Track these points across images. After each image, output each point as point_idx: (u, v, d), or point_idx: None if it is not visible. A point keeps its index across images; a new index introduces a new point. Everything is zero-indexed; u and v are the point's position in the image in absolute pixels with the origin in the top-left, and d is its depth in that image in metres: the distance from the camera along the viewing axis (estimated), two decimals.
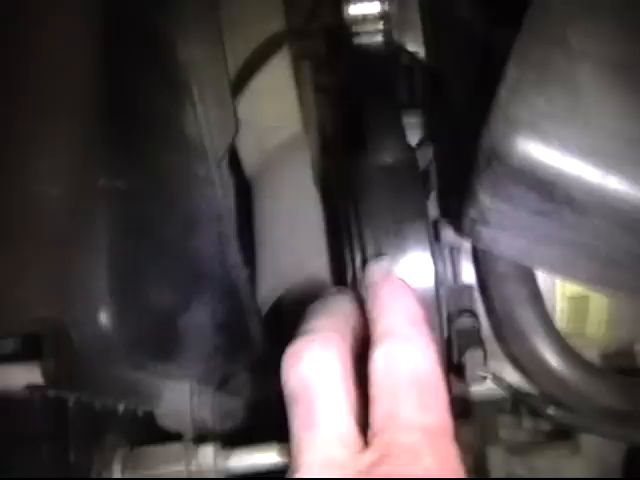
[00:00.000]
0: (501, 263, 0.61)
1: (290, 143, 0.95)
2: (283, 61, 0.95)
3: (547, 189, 0.46)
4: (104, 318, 0.57)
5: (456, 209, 0.57)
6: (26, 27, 0.61)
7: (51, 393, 0.54)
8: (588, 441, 0.79)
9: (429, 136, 0.77)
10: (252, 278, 0.93)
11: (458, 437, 0.42)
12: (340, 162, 0.88)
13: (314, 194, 0.92)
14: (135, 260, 0.61)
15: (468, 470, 0.44)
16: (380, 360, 0.43)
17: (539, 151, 0.45)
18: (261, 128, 0.96)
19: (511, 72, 0.46)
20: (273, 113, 0.97)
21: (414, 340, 0.44)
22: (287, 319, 0.94)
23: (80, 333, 0.56)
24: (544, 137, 0.45)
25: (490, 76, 0.48)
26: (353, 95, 0.83)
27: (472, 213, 0.53)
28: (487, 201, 0.50)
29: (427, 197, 0.71)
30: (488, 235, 0.55)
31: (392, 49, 0.84)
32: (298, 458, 0.41)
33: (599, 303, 0.68)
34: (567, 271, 0.57)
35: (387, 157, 0.73)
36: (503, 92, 0.46)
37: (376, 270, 0.59)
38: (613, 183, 0.45)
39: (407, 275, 0.66)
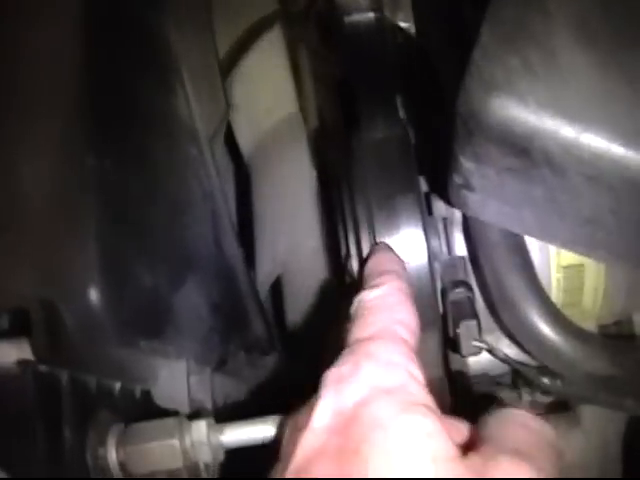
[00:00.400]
0: (491, 232, 0.60)
1: (285, 124, 0.96)
2: (276, 42, 0.96)
3: (525, 148, 0.46)
4: (93, 295, 0.57)
5: (443, 178, 0.57)
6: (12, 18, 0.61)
7: (43, 369, 0.54)
8: (587, 414, 0.78)
9: (418, 110, 0.77)
10: (251, 260, 0.93)
11: None
12: (336, 140, 0.88)
13: (310, 174, 0.92)
14: (124, 238, 0.62)
15: None
16: None
17: (515, 110, 0.45)
18: (256, 110, 0.96)
19: (485, 32, 0.46)
20: (267, 95, 0.97)
21: None
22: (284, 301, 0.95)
23: (70, 310, 0.57)
24: (520, 96, 0.45)
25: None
26: (346, 74, 0.83)
27: (457, 179, 0.53)
28: (469, 165, 0.50)
29: (419, 171, 0.71)
30: (474, 201, 0.55)
31: (384, 25, 0.84)
32: None
33: (595, 272, 0.67)
34: (552, 235, 0.57)
35: (378, 133, 0.73)
36: (477, 53, 0.46)
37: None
38: (589, 140, 0.44)
39: (400, 249, 0.67)
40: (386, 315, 0.52)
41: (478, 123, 0.46)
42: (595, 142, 0.44)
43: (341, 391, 0.46)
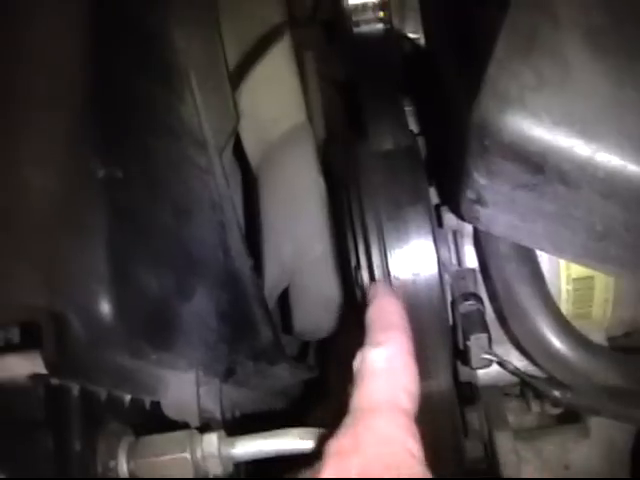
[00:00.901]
0: (502, 244, 0.60)
1: (293, 133, 0.96)
2: (284, 51, 0.96)
3: (538, 164, 0.45)
4: (102, 306, 0.57)
5: (455, 192, 0.57)
6: (15, 18, 0.61)
7: (54, 382, 0.54)
8: (597, 425, 0.78)
9: (429, 123, 0.77)
10: (259, 268, 0.93)
11: None
12: (344, 150, 0.88)
13: (317, 183, 0.92)
14: (133, 247, 0.61)
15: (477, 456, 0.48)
16: None
17: (529, 126, 0.45)
18: (264, 119, 0.96)
19: (499, 46, 0.46)
20: (275, 104, 0.97)
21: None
22: (291, 309, 0.95)
23: (79, 321, 0.56)
24: (534, 111, 0.45)
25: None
26: (355, 83, 0.83)
27: (469, 194, 0.53)
28: (482, 180, 0.50)
29: (429, 182, 0.71)
30: (486, 215, 0.55)
31: (392, 37, 0.84)
32: None
33: (604, 284, 0.67)
34: (563, 249, 0.56)
35: (388, 143, 0.73)
36: (492, 67, 0.46)
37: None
38: (604, 158, 0.44)
39: (410, 260, 0.67)
40: (389, 383, 0.54)
41: (492, 140, 0.46)
42: (610, 160, 0.44)
43: (342, 464, 0.48)
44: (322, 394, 0.95)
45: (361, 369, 0.56)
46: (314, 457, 0.51)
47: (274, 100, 0.97)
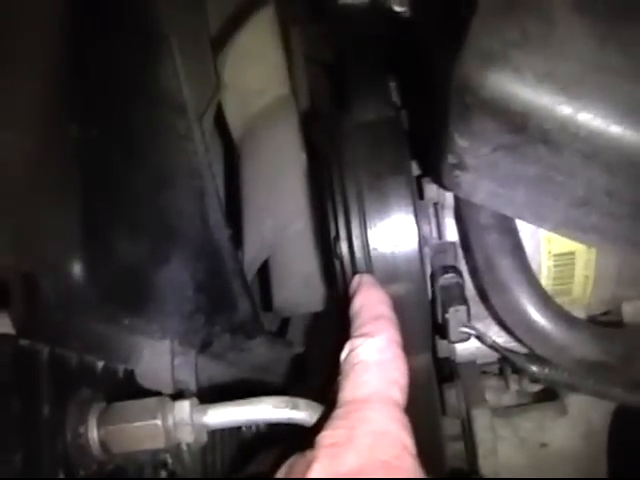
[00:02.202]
0: (482, 215, 0.59)
1: (276, 105, 0.95)
2: (268, 21, 0.94)
3: (520, 122, 0.45)
4: (74, 268, 0.56)
5: (436, 158, 0.56)
6: None
7: (23, 343, 0.53)
8: (574, 403, 0.78)
9: (413, 95, 0.76)
10: (239, 241, 0.92)
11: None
12: (327, 122, 0.87)
13: (298, 156, 0.91)
14: (107, 211, 0.60)
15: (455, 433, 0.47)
16: None
17: (511, 83, 0.44)
18: (246, 91, 0.95)
19: (483, 3, 0.45)
20: (258, 76, 0.96)
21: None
22: (271, 284, 0.94)
23: (50, 283, 0.55)
24: (516, 68, 0.44)
25: None
26: (339, 56, 0.82)
27: (450, 158, 0.52)
28: (463, 142, 0.49)
29: (411, 154, 0.70)
30: (467, 181, 0.54)
31: (377, 9, 0.83)
32: None
33: (585, 260, 0.67)
34: (544, 217, 0.56)
35: (371, 114, 0.72)
36: (474, 22, 0.45)
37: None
38: (586, 117, 0.43)
39: (390, 232, 0.66)
40: (381, 375, 0.53)
41: (474, 97, 0.45)
42: (592, 119, 0.43)
43: (336, 457, 0.48)
44: (302, 372, 0.94)
45: (350, 360, 0.55)
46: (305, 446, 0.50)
47: (257, 72, 0.96)
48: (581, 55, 0.44)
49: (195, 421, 0.59)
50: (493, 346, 0.67)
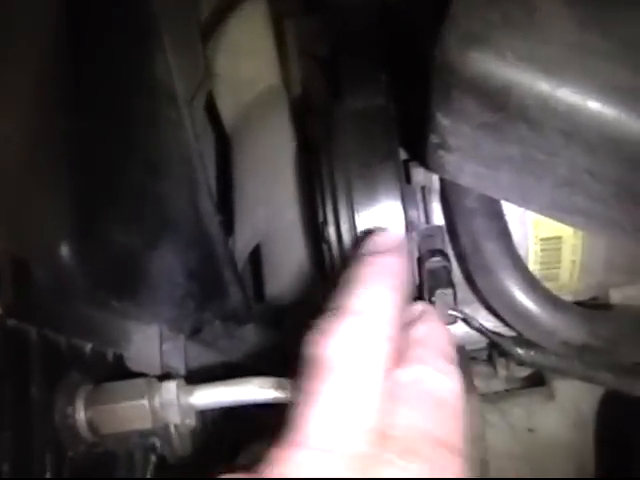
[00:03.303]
0: (468, 197, 0.60)
1: (267, 95, 0.95)
2: (259, 9, 0.95)
3: (500, 99, 0.45)
4: (64, 251, 0.57)
5: (421, 139, 0.56)
6: None
7: (11, 323, 0.53)
8: (562, 388, 0.78)
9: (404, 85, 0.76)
10: (231, 229, 0.93)
11: None
12: (318, 110, 0.87)
13: (290, 145, 0.91)
14: (98, 196, 0.61)
15: None
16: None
17: (492, 61, 0.45)
18: (238, 81, 0.95)
19: None
20: (249, 66, 0.96)
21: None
22: (263, 273, 0.94)
23: (40, 265, 0.56)
24: (497, 49, 0.44)
25: None
26: (330, 45, 0.82)
27: (433, 138, 0.53)
28: (445, 121, 0.49)
29: (399, 142, 0.70)
30: (451, 162, 0.55)
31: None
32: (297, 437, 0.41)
33: (572, 244, 0.67)
34: (529, 198, 0.56)
35: (360, 102, 0.72)
36: (456, 4, 0.45)
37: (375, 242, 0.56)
38: (565, 94, 0.44)
39: (378, 217, 0.66)
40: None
41: (454, 76, 0.46)
42: (571, 96, 0.44)
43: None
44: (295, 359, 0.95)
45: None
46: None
47: (249, 62, 0.96)
48: (561, 37, 0.45)
49: (182, 401, 0.60)
50: (480, 329, 0.67)
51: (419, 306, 0.54)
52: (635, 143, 0.45)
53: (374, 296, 0.47)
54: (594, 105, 0.44)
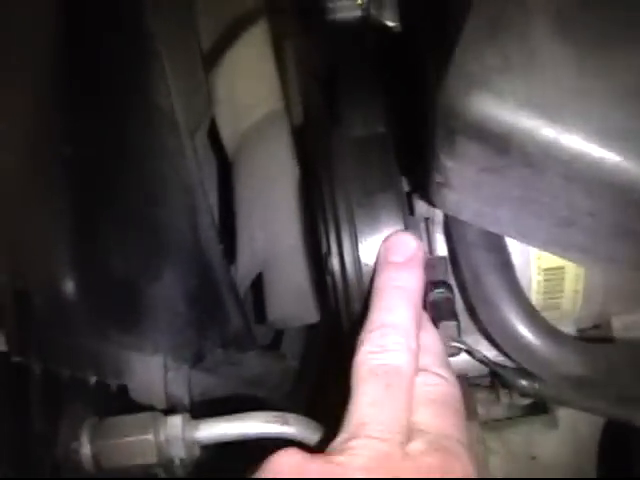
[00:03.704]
0: (470, 231, 0.60)
1: (268, 120, 0.95)
2: (261, 37, 0.95)
3: (503, 145, 0.45)
4: (65, 284, 0.57)
5: (424, 176, 0.57)
6: None
7: (15, 360, 0.53)
8: (564, 416, 0.78)
9: (403, 112, 0.76)
10: (232, 256, 0.93)
11: None
12: (318, 137, 0.87)
13: (292, 171, 0.91)
14: (98, 227, 0.61)
15: None
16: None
17: (494, 106, 0.45)
18: (239, 106, 0.96)
19: (467, 29, 0.46)
20: (251, 91, 0.96)
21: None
22: (264, 298, 0.94)
23: (42, 299, 0.56)
24: (499, 93, 0.45)
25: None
26: (330, 71, 0.82)
27: (436, 177, 0.53)
28: (448, 163, 0.50)
29: (401, 170, 0.70)
30: (453, 200, 0.55)
31: (370, 24, 0.83)
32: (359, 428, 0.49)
33: (575, 275, 0.67)
34: (530, 235, 0.56)
35: (361, 130, 0.72)
36: (458, 49, 0.46)
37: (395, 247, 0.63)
38: (567, 141, 0.44)
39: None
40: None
41: (457, 121, 0.46)
42: (572, 143, 0.44)
43: None
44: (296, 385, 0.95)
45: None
46: None
47: (250, 87, 0.96)
48: (561, 81, 0.45)
49: (187, 436, 0.60)
50: (483, 361, 0.67)
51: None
52: (636, 186, 0.45)
53: (403, 315, 0.56)
54: (596, 151, 0.44)
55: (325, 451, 0.49)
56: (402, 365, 0.52)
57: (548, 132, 0.44)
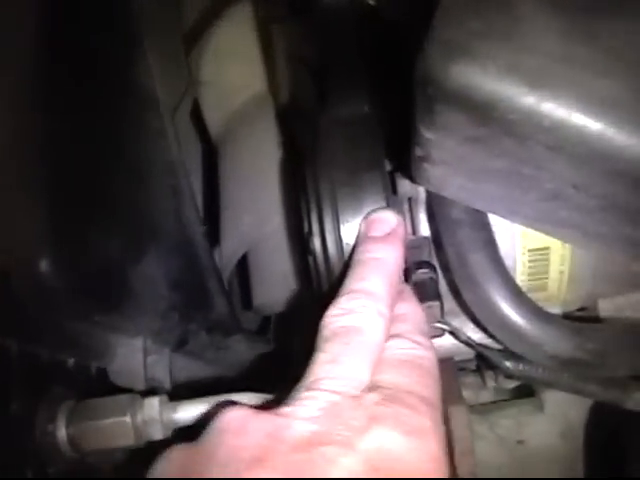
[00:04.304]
0: (454, 209, 0.59)
1: (253, 103, 0.94)
2: (245, 16, 0.94)
3: (484, 113, 0.44)
4: (45, 264, 0.56)
5: (406, 151, 0.56)
6: None
7: None
8: (551, 399, 0.78)
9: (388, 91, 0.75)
10: (217, 238, 0.92)
11: None
12: (304, 119, 0.87)
13: (276, 153, 0.91)
14: (79, 207, 0.60)
15: None
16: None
17: (474, 74, 0.44)
18: (224, 88, 0.95)
19: None
20: (235, 73, 0.96)
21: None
22: (250, 283, 0.94)
23: (20, 278, 0.55)
24: (479, 59, 0.44)
25: None
26: (317, 52, 0.81)
27: (418, 151, 0.52)
28: (429, 135, 0.49)
29: (385, 151, 0.70)
30: (435, 175, 0.54)
31: (356, 6, 0.83)
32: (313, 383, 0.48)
33: (561, 255, 0.66)
34: (515, 211, 0.55)
35: (345, 111, 0.72)
36: (438, 15, 0.44)
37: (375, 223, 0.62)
38: (549, 108, 0.43)
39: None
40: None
41: (437, 89, 0.45)
42: (556, 110, 0.43)
43: None
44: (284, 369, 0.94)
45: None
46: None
47: (234, 68, 0.95)
48: (545, 48, 0.44)
49: (164, 418, 0.59)
50: (468, 342, 0.66)
51: (400, 286, 0.60)
52: (620, 156, 0.44)
53: (375, 283, 0.55)
54: (579, 118, 0.43)
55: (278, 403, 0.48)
56: (365, 326, 0.51)
57: (530, 99, 0.43)
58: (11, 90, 0.57)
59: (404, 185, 0.66)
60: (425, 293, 0.64)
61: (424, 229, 0.68)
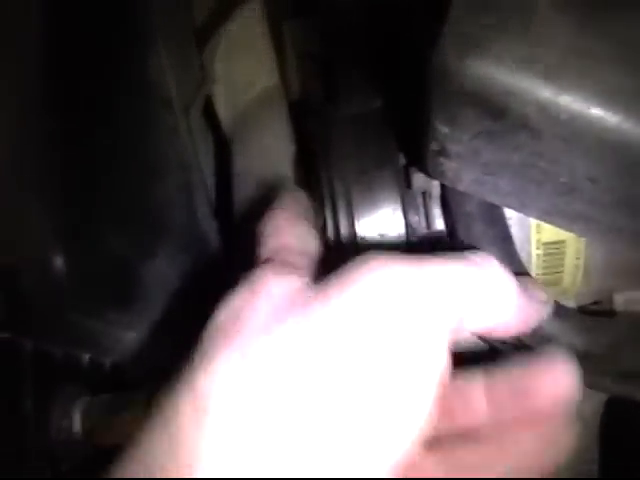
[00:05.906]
0: (469, 203, 0.59)
1: (265, 98, 0.94)
2: (255, 16, 0.94)
3: (499, 107, 0.44)
4: (56, 260, 0.56)
5: (420, 146, 0.55)
6: None
7: (4, 336, 0.53)
8: None
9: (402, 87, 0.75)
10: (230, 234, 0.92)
11: None
12: (315, 115, 0.86)
13: (288, 148, 0.91)
14: (91, 203, 0.60)
15: None
16: None
17: (489, 67, 0.43)
18: (235, 84, 0.95)
19: None
20: (247, 68, 0.95)
21: None
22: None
23: (33, 277, 0.55)
24: (495, 53, 0.43)
25: None
26: (328, 47, 0.81)
27: (433, 145, 0.52)
28: (444, 129, 0.48)
29: (399, 145, 0.69)
30: (451, 169, 0.53)
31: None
32: None
33: (576, 249, 0.66)
34: (529, 205, 0.55)
35: (357, 106, 0.71)
36: (454, 10, 0.44)
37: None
38: (565, 100, 0.43)
39: (378, 223, 0.65)
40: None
41: (452, 83, 0.45)
42: (572, 102, 0.43)
43: None
44: None
45: None
46: None
47: (246, 64, 0.95)
48: (561, 41, 0.44)
49: None
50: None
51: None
52: (637, 148, 0.44)
53: None
54: (595, 111, 0.42)
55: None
56: None
57: (546, 91, 0.43)
58: (21, 86, 0.57)
59: (418, 179, 0.65)
60: None
61: (439, 223, 0.68)
